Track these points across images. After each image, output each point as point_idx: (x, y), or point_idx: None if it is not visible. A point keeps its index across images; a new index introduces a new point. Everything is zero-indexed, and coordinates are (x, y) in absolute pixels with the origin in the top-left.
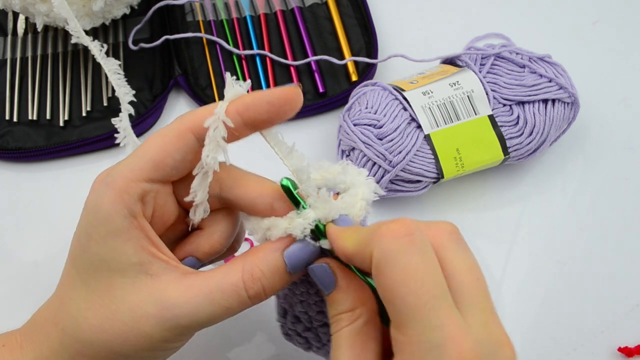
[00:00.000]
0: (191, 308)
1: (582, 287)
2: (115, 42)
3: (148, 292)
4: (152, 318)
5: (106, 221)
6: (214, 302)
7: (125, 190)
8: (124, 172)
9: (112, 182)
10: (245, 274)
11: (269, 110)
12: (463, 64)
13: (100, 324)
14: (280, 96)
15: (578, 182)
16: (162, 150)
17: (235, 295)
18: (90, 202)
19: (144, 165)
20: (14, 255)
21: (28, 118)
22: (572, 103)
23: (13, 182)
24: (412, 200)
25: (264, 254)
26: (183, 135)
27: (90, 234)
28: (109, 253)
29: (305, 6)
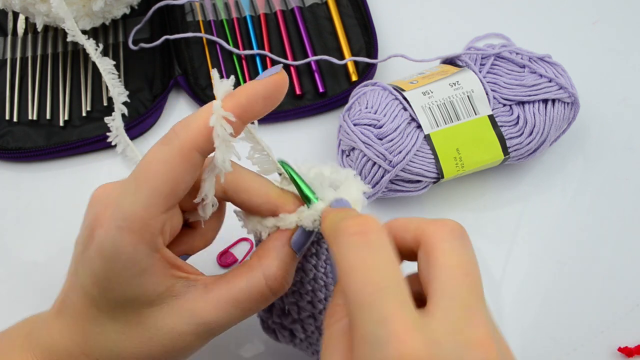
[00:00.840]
0: (223, 319)
1: (582, 287)
2: (115, 42)
3: (178, 313)
4: (189, 335)
5: (130, 265)
6: (242, 308)
7: (145, 230)
8: (138, 212)
9: (126, 225)
10: (267, 274)
11: (265, 105)
12: (463, 64)
13: (140, 351)
14: (273, 87)
15: (578, 182)
16: (173, 178)
17: (261, 296)
18: (105, 249)
19: (158, 200)
20: (14, 255)
21: (28, 118)
22: (572, 103)
23: (13, 182)
24: (412, 200)
25: (276, 253)
26: (189, 157)
27: (111, 278)
28: (136, 292)
29: (305, 6)
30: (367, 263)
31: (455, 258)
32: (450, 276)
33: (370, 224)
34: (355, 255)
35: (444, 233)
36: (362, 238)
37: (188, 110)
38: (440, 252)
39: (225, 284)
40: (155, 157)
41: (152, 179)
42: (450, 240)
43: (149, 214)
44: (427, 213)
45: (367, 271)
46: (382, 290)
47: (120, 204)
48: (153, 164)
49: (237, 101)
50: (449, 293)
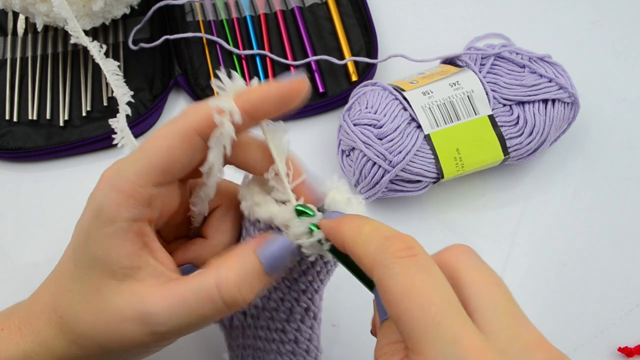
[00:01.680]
0: (167, 315)
1: (582, 287)
2: (115, 42)
3: (130, 296)
4: (132, 323)
5: (107, 223)
6: (189, 310)
7: (132, 195)
8: (132, 176)
9: (119, 185)
10: (219, 278)
11: (277, 106)
12: (463, 64)
13: (90, 320)
14: (288, 90)
15: (578, 182)
16: (169, 154)
17: (210, 302)
18: (95, 201)
19: (151, 170)
20: (14, 256)
21: (28, 118)
22: (572, 103)
23: (13, 182)
24: (412, 200)
25: (238, 255)
26: (189, 138)
27: (90, 231)
28: (104, 253)
29: (305, 6)
30: (427, 284)
31: (481, 273)
32: (486, 290)
33: (416, 244)
34: (414, 277)
35: (460, 254)
36: (414, 260)
37: None
38: (466, 272)
39: (183, 280)
40: (160, 133)
41: (150, 150)
42: (468, 259)
43: (139, 181)
44: (427, 213)
45: (428, 291)
46: (447, 309)
47: (119, 167)
48: (156, 138)
49: (249, 99)
50: (491, 306)
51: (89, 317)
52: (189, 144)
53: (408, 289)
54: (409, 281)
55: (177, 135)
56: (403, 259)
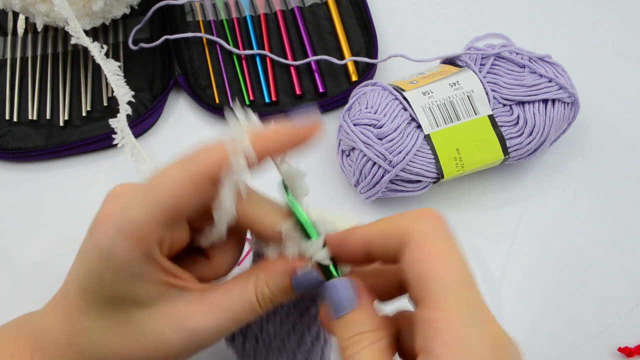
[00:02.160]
0: (214, 328)
1: (582, 287)
2: (115, 42)
3: (168, 319)
4: (177, 343)
5: (123, 268)
6: (234, 319)
7: (142, 239)
8: (139, 221)
9: (126, 230)
10: (258, 291)
11: (292, 149)
12: (463, 64)
13: (124, 352)
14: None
15: (578, 182)
16: (178, 199)
17: (253, 311)
18: (101, 245)
19: (159, 215)
20: (14, 256)
21: (28, 118)
22: (572, 103)
23: (13, 182)
24: (412, 200)
25: (273, 274)
26: (200, 183)
27: (103, 276)
28: (126, 292)
29: (305, 6)
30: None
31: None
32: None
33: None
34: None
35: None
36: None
37: (188, 110)
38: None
39: (221, 292)
40: (168, 175)
41: (159, 194)
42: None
43: (148, 226)
44: None
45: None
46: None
47: (125, 209)
48: (164, 181)
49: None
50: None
51: (122, 349)
52: (199, 189)
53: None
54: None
55: (187, 179)
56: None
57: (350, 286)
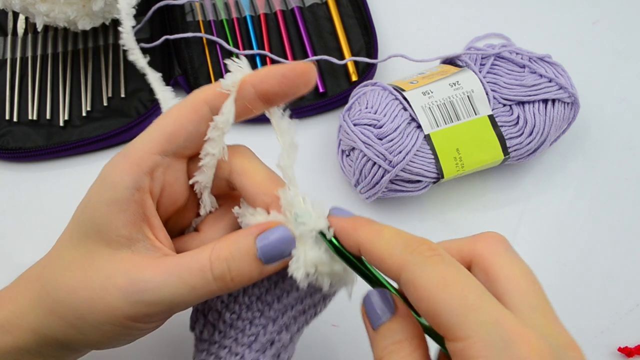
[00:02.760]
0: (157, 284)
1: (582, 287)
2: (115, 42)
3: (123, 265)
4: (119, 290)
5: (109, 188)
6: (180, 280)
7: (136, 162)
8: (138, 145)
9: (126, 154)
10: (212, 253)
11: (283, 83)
12: (463, 64)
13: (73, 285)
14: (294, 70)
15: (578, 182)
16: (176, 122)
17: (200, 274)
18: (103, 170)
19: (157, 137)
20: (14, 256)
21: (28, 118)
22: (572, 103)
23: (13, 182)
24: (412, 200)
25: (236, 236)
26: (198, 107)
27: (92, 198)
28: (102, 219)
29: (305, 6)
30: (459, 277)
31: (517, 269)
32: (521, 287)
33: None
34: (445, 272)
35: (494, 246)
36: (441, 258)
37: None
38: (500, 266)
39: (178, 255)
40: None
41: (159, 120)
42: (503, 252)
43: (145, 148)
44: (427, 213)
45: (462, 283)
46: (483, 297)
47: (135, 139)
48: (167, 112)
49: (256, 73)
50: (527, 305)
51: (73, 282)
52: (197, 113)
53: (442, 282)
54: (441, 276)
55: (186, 104)
56: (432, 257)
57: (387, 296)
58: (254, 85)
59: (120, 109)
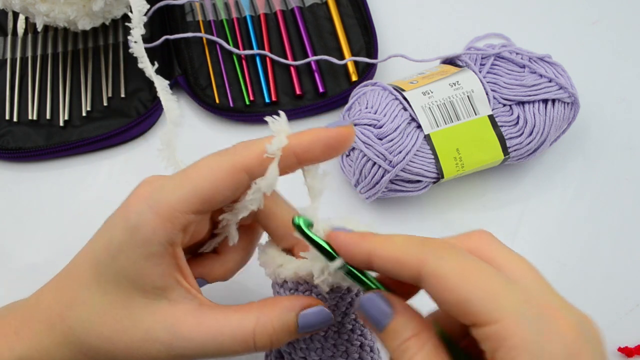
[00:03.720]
0: (200, 344)
1: (582, 287)
2: (115, 42)
3: (163, 317)
4: (161, 344)
5: (143, 244)
6: (223, 345)
7: (170, 219)
8: (172, 201)
9: (157, 208)
10: (258, 326)
11: (326, 152)
12: (463, 64)
13: (109, 335)
14: (338, 137)
15: (578, 182)
16: (213, 186)
17: (244, 344)
18: (130, 219)
19: (192, 199)
20: (14, 256)
21: (28, 118)
22: (572, 103)
23: (13, 182)
24: (412, 200)
25: (279, 312)
26: (236, 174)
27: (122, 249)
28: (137, 272)
29: (305, 6)
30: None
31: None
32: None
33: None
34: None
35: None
36: (457, 250)
37: (188, 110)
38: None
39: (219, 313)
40: (207, 163)
41: (196, 179)
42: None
43: (180, 207)
44: (427, 213)
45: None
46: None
47: (160, 188)
48: (203, 168)
49: (300, 141)
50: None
51: (109, 332)
52: (234, 180)
53: (466, 272)
54: (463, 266)
55: (224, 168)
56: (449, 250)
57: (381, 298)
58: (297, 155)
59: (120, 109)
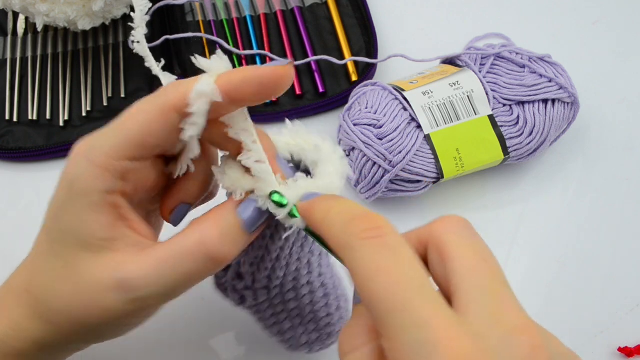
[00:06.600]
0: (148, 278)
1: (582, 287)
2: (115, 42)
3: (108, 266)
4: (112, 292)
5: (81, 195)
6: (173, 269)
7: (106, 168)
8: (105, 148)
9: (92, 157)
10: (204, 235)
11: (259, 92)
12: (463, 64)
13: (66, 296)
14: (272, 76)
15: (578, 182)
16: (146, 129)
17: (192, 258)
18: (69, 174)
19: (126, 144)
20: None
21: (28, 118)
22: (572, 103)
23: (13, 182)
24: (412, 200)
25: (217, 214)
26: (167, 114)
27: (64, 205)
28: (79, 226)
29: (305, 6)
30: (393, 266)
31: (470, 247)
32: (470, 267)
33: (384, 223)
34: (379, 259)
35: (450, 226)
36: (380, 241)
37: None
38: (452, 245)
39: (161, 244)
40: (138, 107)
41: (127, 124)
42: (458, 232)
43: (114, 154)
44: (427, 213)
45: (394, 274)
46: (415, 292)
47: (93, 141)
48: (133, 112)
49: (230, 79)
50: (474, 284)
51: (65, 292)
52: (166, 120)
53: (374, 271)
54: (374, 264)
55: (155, 110)
56: (368, 240)
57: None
58: (227, 94)
59: (120, 109)
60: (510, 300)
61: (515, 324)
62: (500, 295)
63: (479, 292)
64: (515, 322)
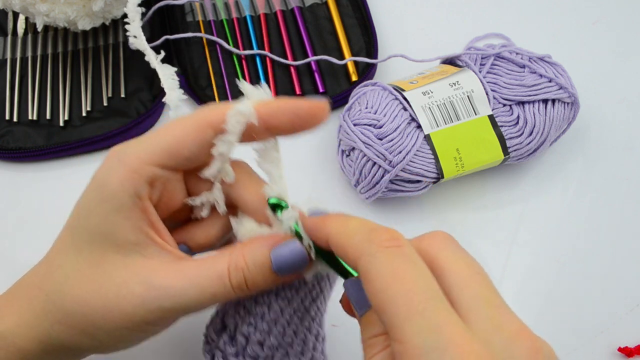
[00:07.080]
0: (176, 291)
1: (582, 287)
2: (115, 42)
3: (137, 271)
4: (137, 297)
5: (111, 197)
6: (200, 288)
7: (136, 170)
8: (138, 152)
9: (124, 159)
10: (230, 263)
11: (294, 122)
12: (463, 64)
13: (84, 296)
14: (308, 109)
15: (578, 182)
16: (180, 140)
17: (220, 283)
18: (100, 175)
19: (158, 151)
20: (14, 256)
21: (28, 118)
22: (572, 103)
23: (13, 182)
24: (412, 200)
25: (251, 247)
26: (202, 129)
27: (92, 206)
28: (108, 227)
29: (305, 6)
30: (411, 273)
31: (461, 261)
32: (467, 279)
33: (400, 236)
34: (398, 267)
35: (439, 242)
36: (399, 250)
37: (188, 110)
38: (444, 261)
39: (194, 261)
40: (175, 120)
41: (162, 133)
42: (447, 247)
43: (146, 157)
44: (427, 213)
45: (411, 281)
46: (430, 299)
47: (128, 144)
48: (170, 124)
49: (268, 106)
50: (472, 294)
51: (83, 292)
52: (200, 134)
53: (392, 277)
54: (393, 270)
55: (191, 124)
56: (388, 249)
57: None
58: (263, 119)
59: (120, 109)
60: (506, 307)
61: (514, 329)
62: (497, 303)
63: (478, 301)
64: (513, 327)
